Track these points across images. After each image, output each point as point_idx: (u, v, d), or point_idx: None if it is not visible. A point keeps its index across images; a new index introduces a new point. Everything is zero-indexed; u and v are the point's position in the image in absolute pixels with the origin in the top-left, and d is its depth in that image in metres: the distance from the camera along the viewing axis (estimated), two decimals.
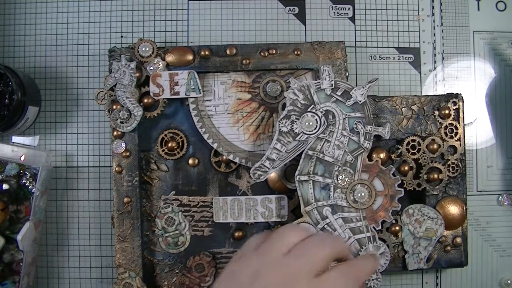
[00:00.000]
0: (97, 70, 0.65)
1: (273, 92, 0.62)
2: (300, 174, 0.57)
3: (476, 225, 0.66)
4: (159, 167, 0.62)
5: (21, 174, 0.61)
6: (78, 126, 0.65)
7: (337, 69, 0.61)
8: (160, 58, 0.60)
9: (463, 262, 0.61)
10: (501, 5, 0.68)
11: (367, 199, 0.57)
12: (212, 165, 0.62)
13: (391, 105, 0.61)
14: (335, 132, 0.57)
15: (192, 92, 0.61)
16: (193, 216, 0.62)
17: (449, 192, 0.61)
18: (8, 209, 0.60)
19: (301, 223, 0.56)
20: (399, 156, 0.61)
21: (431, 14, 0.67)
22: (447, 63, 0.67)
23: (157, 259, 0.62)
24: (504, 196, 0.66)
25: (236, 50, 0.61)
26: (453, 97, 0.61)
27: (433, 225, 0.60)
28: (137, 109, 0.59)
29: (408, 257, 0.60)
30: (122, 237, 0.59)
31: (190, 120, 0.62)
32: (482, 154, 0.67)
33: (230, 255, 0.62)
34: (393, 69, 0.66)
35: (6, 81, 0.58)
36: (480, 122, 0.67)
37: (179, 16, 0.66)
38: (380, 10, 0.67)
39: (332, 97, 0.57)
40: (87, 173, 0.64)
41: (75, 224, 0.64)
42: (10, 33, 0.65)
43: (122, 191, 0.60)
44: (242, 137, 0.62)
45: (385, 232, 0.60)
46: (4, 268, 0.60)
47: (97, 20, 0.65)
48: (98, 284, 0.64)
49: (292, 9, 0.66)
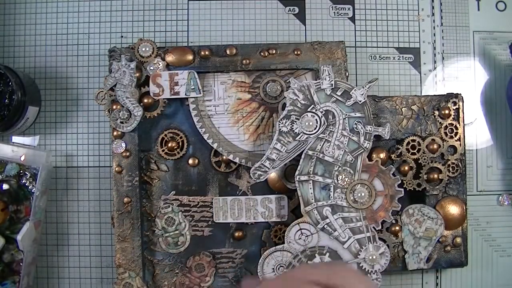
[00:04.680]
0: (97, 70, 0.65)
1: (273, 92, 0.62)
2: (300, 174, 0.57)
3: (476, 225, 0.66)
4: (159, 167, 0.62)
5: (21, 174, 0.61)
6: (78, 126, 0.65)
7: (337, 69, 0.61)
8: (160, 58, 0.60)
9: (463, 262, 0.61)
10: (501, 5, 0.68)
11: (367, 199, 0.57)
12: (212, 165, 0.62)
13: (391, 105, 0.61)
14: (335, 132, 0.57)
15: (192, 92, 0.61)
16: (193, 216, 0.62)
17: (449, 192, 0.61)
18: (8, 209, 0.60)
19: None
20: (399, 156, 0.61)
21: (431, 14, 0.67)
22: (447, 63, 0.67)
23: (157, 259, 0.62)
24: (504, 196, 0.66)
25: (236, 50, 0.61)
26: (453, 97, 0.61)
27: (433, 225, 0.60)
28: (137, 109, 0.59)
29: (408, 257, 0.60)
30: (122, 237, 0.59)
31: (190, 120, 0.62)
32: (482, 154, 0.67)
33: (230, 255, 0.62)
34: (393, 69, 0.66)
35: (6, 81, 0.58)
36: (480, 122, 0.67)
37: (179, 16, 0.66)
38: (380, 10, 0.67)
39: (332, 97, 0.57)
40: (87, 173, 0.64)
41: (75, 224, 0.64)
42: (10, 33, 0.65)
43: (122, 191, 0.60)
44: (242, 137, 0.62)
45: (385, 232, 0.60)
46: (4, 268, 0.60)
47: (97, 20, 0.65)
48: (98, 284, 0.64)
49: (292, 9, 0.66)
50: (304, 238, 0.58)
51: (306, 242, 0.58)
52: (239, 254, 0.62)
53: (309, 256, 0.57)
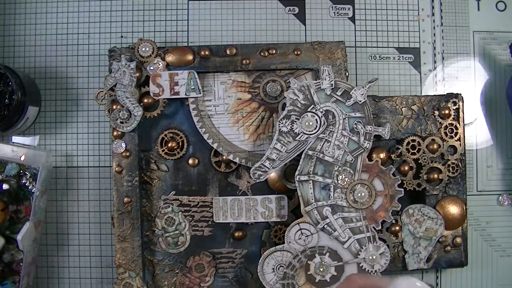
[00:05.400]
0: (97, 70, 0.65)
1: (273, 92, 0.62)
2: (300, 174, 0.57)
3: (476, 225, 0.66)
4: (159, 167, 0.62)
5: (21, 174, 0.61)
6: (78, 126, 0.65)
7: (337, 69, 0.61)
8: (160, 58, 0.60)
9: (463, 262, 0.61)
10: (501, 5, 0.68)
11: (367, 199, 0.57)
12: (212, 165, 0.62)
13: (391, 105, 0.61)
14: (335, 132, 0.57)
15: (192, 92, 0.61)
16: (193, 216, 0.62)
17: (449, 192, 0.61)
18: (8, 209, 0.60)
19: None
20: (399, 156, 0.61)
21: (431, 14, 0.67)
22: (447, 63, 0.67)
23: (157, 259, 0.62)
24: (504, 196, 0.66)
25: (236, 50, 0.61)
26: (453, 97, 0.61)
27: (433, 225, 0.60)
28: (137, 109, 0.59)
29: (408, 257, 0.60)
30: (122, 237, 0.59)
31: (190, 120, 0.62)
32: (482, 154, 0.67)
33: (230, 255, 0.62)
34: (393, 69, 0.66)
35: (6, 81, 0.58)
36: (480, 122, 0.67)
37: (179, 16, 0.66)
38: (380, 10, 0.67)
39: (332, 97, 0.57)
40: (87, 173, 0.64)
41: (75, 224, 0.64)
42: (10, 33, 0.65)
43: (122, 191, 0.60)
44: (242, 137, 0.62)
45: (385, 232, 0.60)
46: (4, 268, 0.60)
47: (97, 20, 0.65)
48: (98, 284, 0.64)
49: (292, 9, 0.66)
50: (304, 238, 0.58)
51: (306, 242, 0.58)
52: (239, 254, 0.62)
53: (309, 256, 0.57)
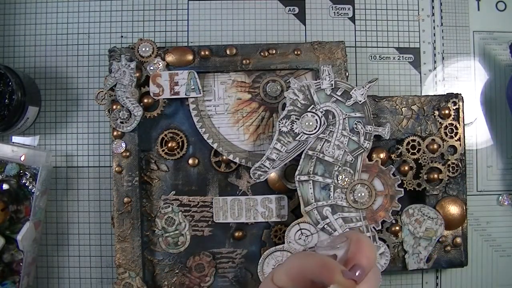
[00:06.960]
0: (97, 70, 0.65)
1: (273, 92, 0.62)
2: (300, 174, 0.57)
3: (476, 225, 0.66)
4: (159, 167, 0.62)
5: (21, 174, 0.61)
6: (78, 126, 0.65)
7: (337, 69, 0.61)
8: (160, 58, 0.60)
9: (463, 262, 0.61)
10: (501, 5, 0.68)
11: (367, 199, 0.57)
12: (212, 165, 0.62)
13: (391, 105, 0.61)
14: (335, 132, 0.57)
15: (192, 92, 0.61)
16: (193, 216, 0.62)
17: (449, 192, 0.61)
18: (8, 209, 0.60)
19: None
20: (399, 156, 0.61)
21: (431, 14, 0.67)
22: (447, 63, 0.67)
23: (157, 259, 0.62)
24: (504, 196, 0.66)
25: (236, 50, 0.61)
26: (453, 97, 0.61)
27: (433, 225, 0.60)
28: (137, 109, 0.59)
29: (408, 257, 0.60)
30: (122, 237, 0.59)
31: (190, 120, 0.62)
32: (482, 154, 0.67)
33: (230, 255, 0.62)
34: (393, 69, 0.66)
35: (6, 81, 0.58)
36: (480, 122, 0.67)
37: (179, 16, 0.66)
38: (380, 10, 0.67)
39: (332, 97, 0.57)
40: (87, 173, 0.64)
41: (75, 224, 0.64)
42: (10, 33, 0.65)
43: (122, 191, 0.60)
44: (242, 137, 0.62)
45: (385, 232, 0.60)
46: (4, 268, 0.60)
47: (97, 20, 0.65)
48: (98, 284, 0.64)
49: (292, 9, 0.66)
50: (304, 238, 0.58)
51: (306, 242, 0.58)
52: (239, 254, 0.62)
53: None
